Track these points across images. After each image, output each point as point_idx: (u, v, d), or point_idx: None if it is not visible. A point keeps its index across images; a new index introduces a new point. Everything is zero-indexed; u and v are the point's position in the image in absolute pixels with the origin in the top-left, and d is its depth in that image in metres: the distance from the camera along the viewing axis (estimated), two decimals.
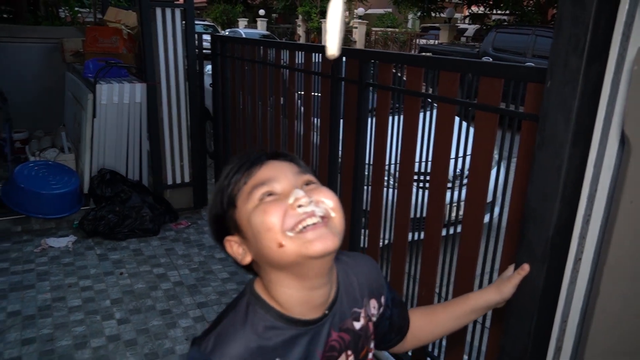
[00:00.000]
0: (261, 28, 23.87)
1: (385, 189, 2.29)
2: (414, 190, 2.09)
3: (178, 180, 4.05)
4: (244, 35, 17.62)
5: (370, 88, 2.26)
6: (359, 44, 19.54)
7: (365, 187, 2.41)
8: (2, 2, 6.79)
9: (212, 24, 23.59)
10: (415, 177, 2.09)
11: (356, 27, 19.69)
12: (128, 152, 3.87)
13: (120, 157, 3.85)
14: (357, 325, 0.86)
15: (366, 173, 2.39)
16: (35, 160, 3.85)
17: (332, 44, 0.70)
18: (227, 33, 20.04)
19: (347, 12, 22.94)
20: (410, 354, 2.17)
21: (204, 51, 4.04)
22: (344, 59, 2.42)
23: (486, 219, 1.76)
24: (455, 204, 2.37)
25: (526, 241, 0.84)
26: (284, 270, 0.74)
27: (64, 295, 2.81)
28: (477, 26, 17.55)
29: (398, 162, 2.13)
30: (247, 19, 26.95)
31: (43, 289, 2.86)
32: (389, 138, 2.17)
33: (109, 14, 4.55)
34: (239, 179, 0.77)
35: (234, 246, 0.79)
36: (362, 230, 2.49)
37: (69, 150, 4.07)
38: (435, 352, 2.05)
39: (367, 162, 2.35)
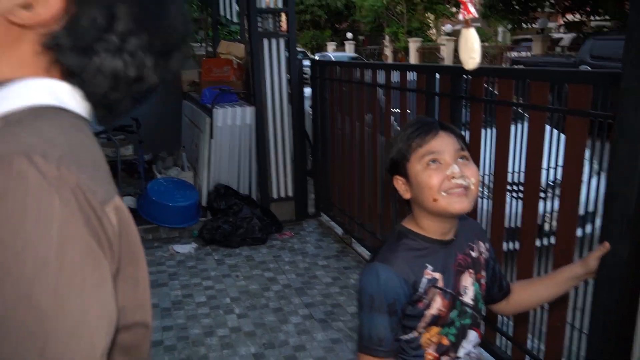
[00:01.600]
0: (349, 51, 24.53)
1: (479, 200, 2.43)
2: (508, 200, 2.22)
3: (282, 195, 4.43)
4: (333, 59, 18.25)
5: (463, 101, 2.43)
6: (447, 61, 19.45)
7: None
8: None
9: (302, 49, 24.68)
10: (509, 188, 2.23)
11: (444, 44, 19.65)
12: (239, 169, 4.33)
13: (233, 173, 4.31)
14: (473, 254, 1.20)
15: None
16: (162, 177, 4.42)
17: (472, 61, 0.93)
18: (317, 57, 20.88)
19: (435, 30, 22.91)
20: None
21: (304, 75, 4.42)
22: (437, 75, 2.62)
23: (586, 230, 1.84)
24: (548, 215, 2.45)
25: (609, 220, 0.99)
26: (432, 213, 1.11)
27: (191, 293, 3.23)
28: (573, 35, 16.76)
29: (491, 172, 2.28)
30: (335, 43, 27.82)
31: (174, 287, 3.31)
32: (482, 149, 2.33)
33: (221, 47, 5.12)
34: (416, 142, 1.09)
35: (400, 184, 1.15)
36: None
37: (188, 168, 4.62)
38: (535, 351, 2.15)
39: None
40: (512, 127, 2.16)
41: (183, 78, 5.46)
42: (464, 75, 2.45)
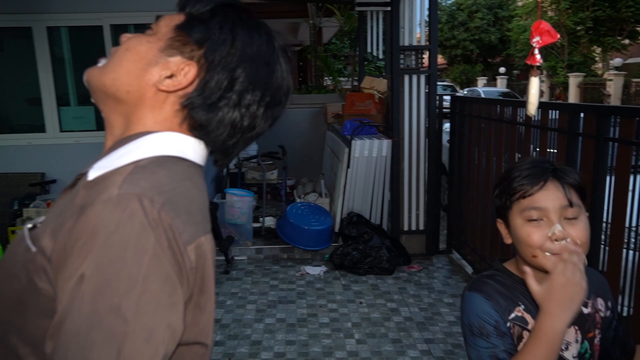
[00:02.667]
0: (501, 86, 23.54)
1: (625, 250, 2.22)
2: None
3: (413, 228, 4.44)
4: (482, 94, 17.69)
5: (610, 143, 2.26)
6: (614, 98, 17.55)
7: (602, 247, 2.35)
8: None
9: (451, 83, 24.33)
10: None
11: (611, 80, 17.80)
12: (373, 198, 4.45)
13: (366, 202, 4.45)
14: (585, 310, 1.08)
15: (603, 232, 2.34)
16: (301, 201, 4.74)
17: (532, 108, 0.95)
18: (465, 92, 20.39)
19: (601, 64, 20.96)
20: None
21: (443, 110, 4.43)
22: (581, 115, 2.47)
23: None
24: None
25: None
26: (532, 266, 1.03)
27: (316, 313, 3.40)
28: None
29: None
30: (487, 78, 26.90)
31: (301, 305, 3.51)
32: (629, 196, 2.13)
33: (365, 82, 5.37)
34: (519, 191, 1.03)
35: (502, 227, 1.10)
36: None
37: (325, 195, 4.88)
38: None
39: (604, 220, 2.31)
40: None
41: (328, 110, 5.82)
42: (613, 116, 2.28)
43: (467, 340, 1.06)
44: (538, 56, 0.89)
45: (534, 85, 0.95)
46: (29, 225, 0.69)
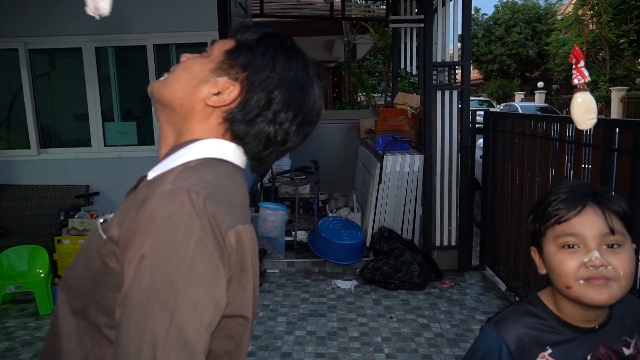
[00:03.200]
0: (539, 100, 23.06)
1: None
2: None
3: (445, 243, 4.41)
4: (519, 109, 17.37)
5: None
6: None
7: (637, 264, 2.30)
8: None
9: (487, 98, 23.99)
10: None
11: None
12: (404, 213, 4.46)
13: (398, 217, 4.46)
14: (626, 351, 0.99)
15: None
16: (333, 215, 4.79)
17: (590, 122, 0.98)
18: (502, 107, 20.08)
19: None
20: None
21: (477, 125, 4.41)
22: (617, 130, 2.44)
23: None
24: None
25: None
26: (566, 298, 0.97)
27: (346, 327, 3.42)
28: None
29: None
30: (524, 92, 26.42)
31: (332, 318, 3.54)
32: None
33: (397, 98, 5.40)
34: (554, 216, 0.95)
35: (536, 256, 1.02)
36: None
37: (357, 209, 4.91)
38: None
39: None
40: None
41: (361, 126, 5.87)
42: None
43: None
44: (586, 73, 0.93)
45: (588, 99, 0.97)
46: (101, 220, 0.83)
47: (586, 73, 0.92)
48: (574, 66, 0.92)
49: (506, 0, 28.01)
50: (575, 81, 0.93)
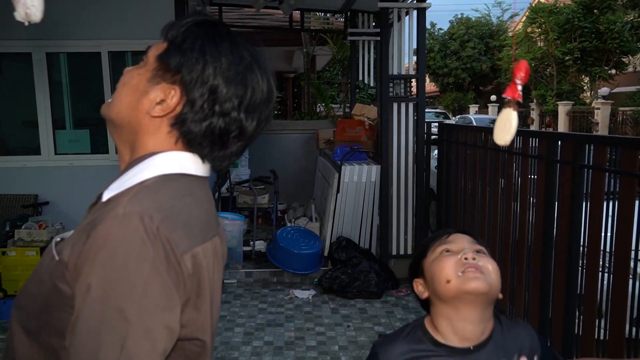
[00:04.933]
0: (492, 113, 23.89)
1: (600, 274, 2.29)
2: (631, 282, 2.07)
3: (402, 252, 4.50)
4: (474, 121, 17.95)
5: (585, 170, 2.36)
6: (602, 126, 17.86)
7: (580, 270, 2.43)
8: (276, 103, 8.70)
9: (443, 111, 24.67)
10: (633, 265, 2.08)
11: (599, 108, 18.16)
12: (362, 223, 4.52)
13: (355, 227, 4.52)
14: None
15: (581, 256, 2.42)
16: (291, 225, 4.79)
17: (504, 138, 1.03)
18: (457, 119, 20.68)
19: (589, 93, 21.35)
20: None
21: (432, 137, 4.54)
22: (559, 142, 2.58)
23: None
24: None
25: None
26: (446, 302, 1.03)
27: (303, 336, 3.42)
28: None
29: (613, 248, 2.15)
30: (479, 105, 27.32)
31: (289, 328, 3.54)
32: (603, 220, 2.22)
33: (355, 109, 5.50)
34: (433, 241, 1.12)
35: (419, 286, 1.12)
36: (577, 315, 2.46)
37: (315, 219, 4.94)
38: None
39: (581, 244, 2.39)
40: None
41: (320, 136, 5.93)
42: (588, 144, 2.39)
43: None
44: (519, 91, 0.97)
45: (514, 118, 1.02)
46: (57, 239, 0.81)
47: (519, 91, 0.97)
48: (512, 80, 0.97)
49: (460, 16, 29.00)
50: (506, 96, 0.98)
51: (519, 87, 0.95)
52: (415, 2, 4.46)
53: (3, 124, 4.74)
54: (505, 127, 1.04)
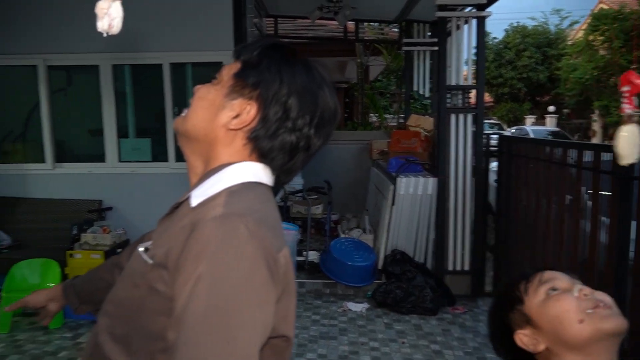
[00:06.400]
0: (550, 125, 23.01)
1: None
2: None
3: (458, 268, 4.36)
4: (530, 133, 17.34)
5: None
6: None
7: None
8: None
9: (497, 122, 23.98)
10: None
11: None
12: (417, 237, 4.42)
13: (410, 240, 4.42)
14: None
15: None
16: (345, 236, 4.76)
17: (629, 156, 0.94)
18: (512, 131, 20.04)
19: None
20: None
21: (491, 149, 4.39)
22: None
23: None
24: None
25: None
26: (576, 349, 0.88)
27: (357, 351, 3.36)
28: None
29: None
30: (535, 116, 26.39)
31: (343, 341, 3.49)
32: None
33: (411, 120, 5.41)
34: (524, 284, 0.97)
35: (524, 339, 0.95)
36: None
37: (369, 231, 4.88)
38: None
39: None
40: None
41: (373, 147, 5.88)
42: None
43: None
44: (634, 103, 0.89)
45: (636, 132, 0.93)
46: (142, 248, 0.84)
47: (636, 102, 0.89)
48: (624, 93, 0.89)
49: (516, 24, 28.19)
50: (628, 111, 0.90)
51: (626, 100, 0.88)
52: (474, 10, 4.35)
53: (72, 133, 4.98)
54: (634, 142, 0.96)
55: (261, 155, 0.87)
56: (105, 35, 0.94)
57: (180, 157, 4.62)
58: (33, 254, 3.94)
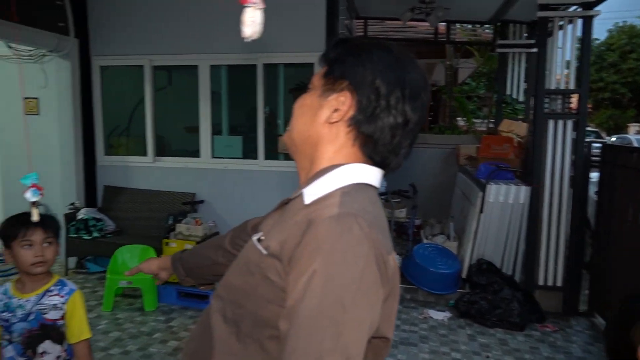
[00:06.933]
0: None
1: None
2: None
3: (549, 283, 4.11)
4: (635, 142, 15.97)
5: None
6: None
7: None
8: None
9: (595, 129, 22.32)
10: None
11: None
12: (506, 247, 4.23)
13: (498, 250, 4.24)
14: None
15: None
16: (428, 242, 4.66)
17: None
18: (613, 140, 18.57)
19: None
20: None
21: (592, 158, 4.10)
22: None
23: None
24: None
25: None
26: None
27: None
28: None
29: None
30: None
31: (423, 349, 3.42)
32: None
33: (503, 125, 5.19)
34: None
35: None
36: None
37: (453, 238, 4.75)
38: None
39: None
40: None
41: (461, 152, 5.70)
42: None
43: None
44: None
45: None
46: (256, 237, 0.89)
47: None
48: None
49: (622, 24, 26.08)
50: None
51: None
52: (579, 10, 4.08)
53: (170, 129, 5.31)
54: None
55: (365, 141, 0.90)
56: (249, 40, 1.02)
57: (269, 155, 4.78)
58: (133, 240, 4.26)
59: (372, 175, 0.92)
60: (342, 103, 0.89)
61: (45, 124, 4.87)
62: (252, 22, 0.99)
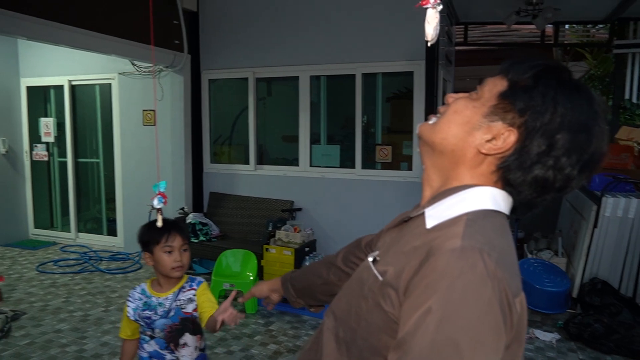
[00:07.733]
0: None
1: None
2: None
3: None
4: None
5: None
6: None
7: None
8: None
9: None
10: None
11: None
12: (624, 266, 3.86)
13: (616, 269, 3.88)
14: None
15: None
16: (533, 257, 4.39)
17: None
18: None
19: None
20: None
21: None
22: None
23: None
24: None
25: None
26: None
27: None
28: None
29: None
30: None
31: None
32: None
33: (621, 132, 4.76)
34: None
35: None
36: None
37: (562, 254, 4.42)
38: None
39: None
40: None
41: None
42: None
43: None
44: None
45: None
46: (371, 259, 0.85)
47: None
48: None
49: None
50: None
51: None
52: None
53: (270, 138, 5.53)
54: None
55: (507, 185, 0.81)
56: (429, 44, 0.98)
57: (366, 164, 4.79)
58: (236, 245, 4.47)
59: (503, 201, 0.81)
60: (503, 138, 0.78)
61: (160, 133, 5.30)
62: (436, 23, 0.94)
